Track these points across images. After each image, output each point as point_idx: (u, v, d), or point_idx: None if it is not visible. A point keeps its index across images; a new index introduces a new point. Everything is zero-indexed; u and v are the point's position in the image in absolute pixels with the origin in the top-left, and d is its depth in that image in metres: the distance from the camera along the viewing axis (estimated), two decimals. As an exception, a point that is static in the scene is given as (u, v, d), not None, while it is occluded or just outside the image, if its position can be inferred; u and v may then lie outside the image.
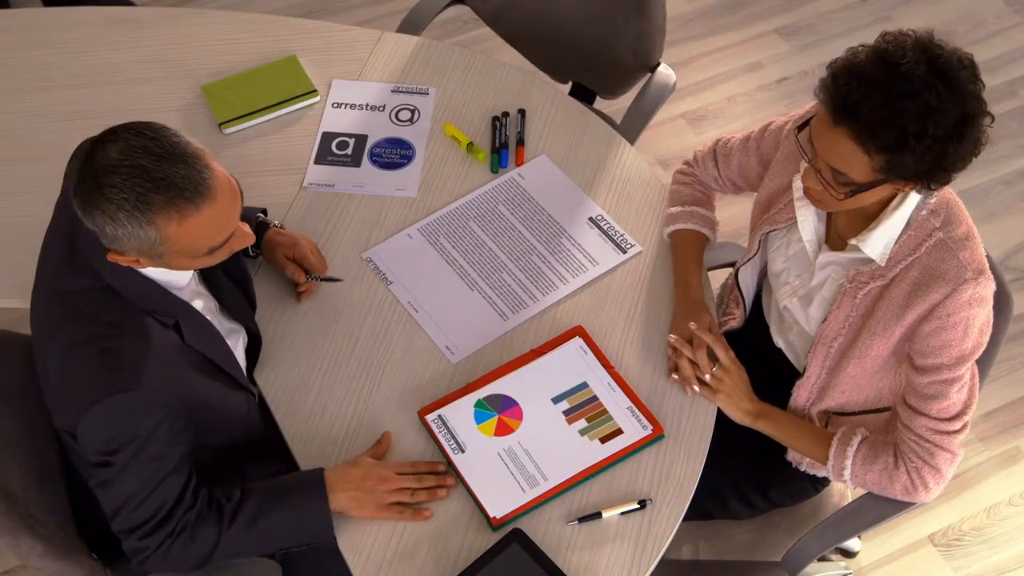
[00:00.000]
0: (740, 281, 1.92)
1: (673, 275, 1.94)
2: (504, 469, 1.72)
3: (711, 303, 1.93)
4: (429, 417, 1.77)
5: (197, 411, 1.59)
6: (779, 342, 1.90)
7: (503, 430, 1.76)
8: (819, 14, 3.52)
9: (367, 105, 2.20)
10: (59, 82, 2.22)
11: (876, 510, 1.77)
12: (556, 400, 1.79)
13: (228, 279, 1.75)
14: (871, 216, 1.65)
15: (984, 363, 1.71)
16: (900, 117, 1.45)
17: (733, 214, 2.94)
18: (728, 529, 1.99)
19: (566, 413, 1.78)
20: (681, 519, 1.70)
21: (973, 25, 3.49)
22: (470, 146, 2.12)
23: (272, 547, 1.66)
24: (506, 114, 2.17)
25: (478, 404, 1.78)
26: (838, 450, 1.73)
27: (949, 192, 1.65)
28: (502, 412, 1.78)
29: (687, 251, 1.95)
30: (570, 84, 2.59)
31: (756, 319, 1.96)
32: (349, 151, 2.13)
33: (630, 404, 1.78)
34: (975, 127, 1.48)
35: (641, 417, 1.77)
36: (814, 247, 1.74)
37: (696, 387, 1.78)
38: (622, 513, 1.70)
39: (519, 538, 1.65)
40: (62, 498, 1.79)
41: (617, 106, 2.67)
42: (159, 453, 1.53)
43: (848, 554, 2.43)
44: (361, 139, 2.15)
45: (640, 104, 2.37)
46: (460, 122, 2.18)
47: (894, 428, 1.82)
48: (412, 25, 2.49)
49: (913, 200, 1.62)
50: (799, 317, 1.80)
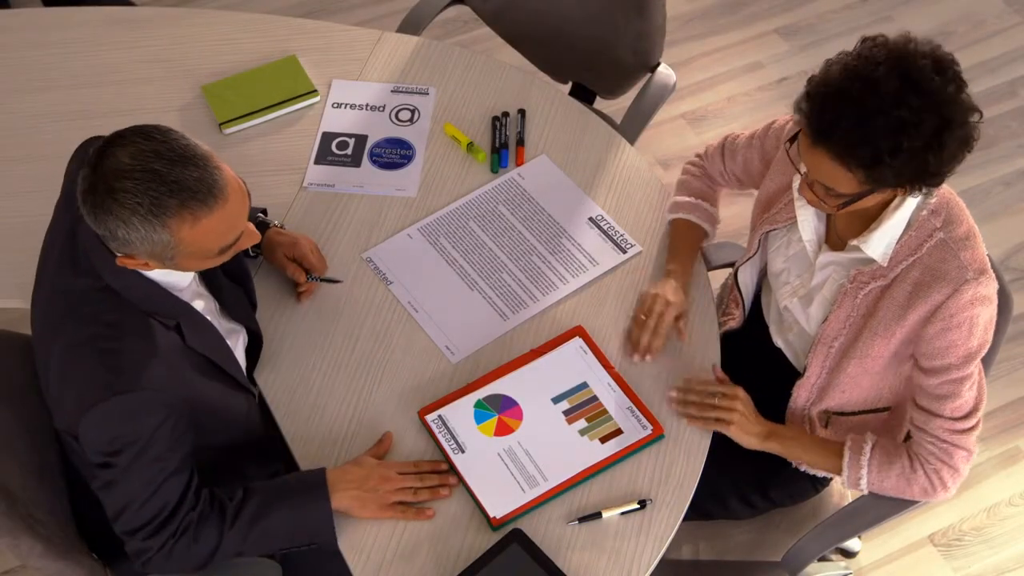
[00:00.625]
0: (739, 281, 1.92)
1: (666, 261, 1.94)
2: (504, 469, 1.72)
3: (711, 303, 1.93)
4: (429, 417, 1.77)
5: (198, 412, 1.59)
6: (779, 342, 1.90)
7: (503, 430, 1.76)
8: (819, 14, 3.52)
9: (367, 105, 2.20)
10: (59, 82, 2.22)
11: (876, 510, 1.77)
12: (556, 400, 1.79)
13: (228, 279, 1.75)
14: (871, 217, 1.65)
15: (984, 363, 1.70)
16: (873, 135, 1.46)
17: (733, 214, 2.94)
18: (728, 529, 1.99)
19: (566, 413, 1.78)
20: (681, 519, 1.70)
21: (973, 25, 3.49)
22: (470, 146, 2.12)
23: (274, 547, 1.66)
24: (506, 114, 2.17)
25: (478, 404, 1.78)
26: (852, 460, 1.72)
27: (949, 192, 1.65)
28: (502, 412, 1.78)
29: (684, 241, 1.96)
30: (570, 84, 2.59)
31: (755, 319, 1.96)
32: (349, 151, 2.13)
33: (630, 404, 1.78)
34: (956, 133, 1.47)
35: (641, 417, 1.77)
36: (814, 247, 1.74)
37: (713, 426, 1.76)
38: (622, 513, 1.70)
39: (519, 538, 1.65)
40: (62, 498, 1.79)
41: (617, 106, 2.67)
42: (161, 454, 1.53)
43: (848, 554, 2.43)
44: (361, 139, 2.15)
45: (640, 104, 2.37)
46: (460, 122, 2.18)
47: (899, 429, 1.82)
48: (412, 25, 2.49)
49: (913, 200, 1.62)
50: (799, 317, 1.80)
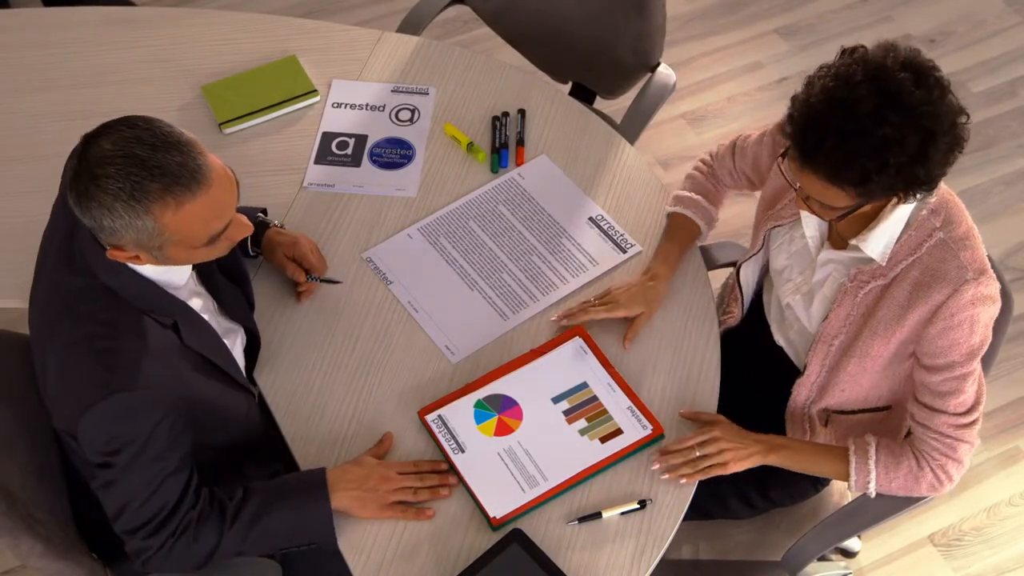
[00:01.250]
0: (741, 278, 1.92)
1: (653, 257, 1.94)
2: (504, 469, 1.72)
3: (711, 303, 1.93)
4: (429, 417, 1.77)
5: (197, 411, 1.59)
6: (780, 340, 1.90)
7: (503, 430, 1.76)
8: (819, 14, 3.52)
9: (367, 105, 2.20)
10: (59, 82, 2.22)
11: (876, 510, 1.77)
12: (556, 400, 1.79)
13: (226, 278, 1.74)
14: (870, 217, 1.65)
15: (984, 363, 1.71)
16: (857, 156, 1.46)
17: (733, 214, 2.94)
18: (728, 529, 1.99)
19: (566, 413, 1.78)
20: (681, 519, 1.70)
21: (973, 25, 3.49)
22: (470, 146, 2.12)
23: (274, 547, 1.66)
24: (506, 114, 2.17)
25: (478, 404, 1.78)
26: (859, 464, 1.71)
27: (948, 192, 1.65)
28: (502, 412, 1.78)
29: (677, 235, 1.96)
30: (570, 84, 2.59)
31: (756, 317, 1.96)
32: (349, 151, 2.13)
33: (630, 404, 1.78)
34: (942, 141, 1.47)
35: (641, 417, 1.77)
36: (816, 243, 1.74)
37: (712, 472, 1.72)
38: (622, 513, 1.70)
39: (519, 538, 1.65)
40: (62, 498, 1.79)
41: (617, 106, 2.67)
42: (160, 453, 1.53)
43: (848, 554, 2.43)
44: (361, 139, 2.15)
45: (640, 104, 2.37)
46: (460, 122, 2.18)
47: (899, 428, 1.82)
48: (412, 25, 2.49)
49: (915, 200, 1.62)
50: (800, 315, 1.80)
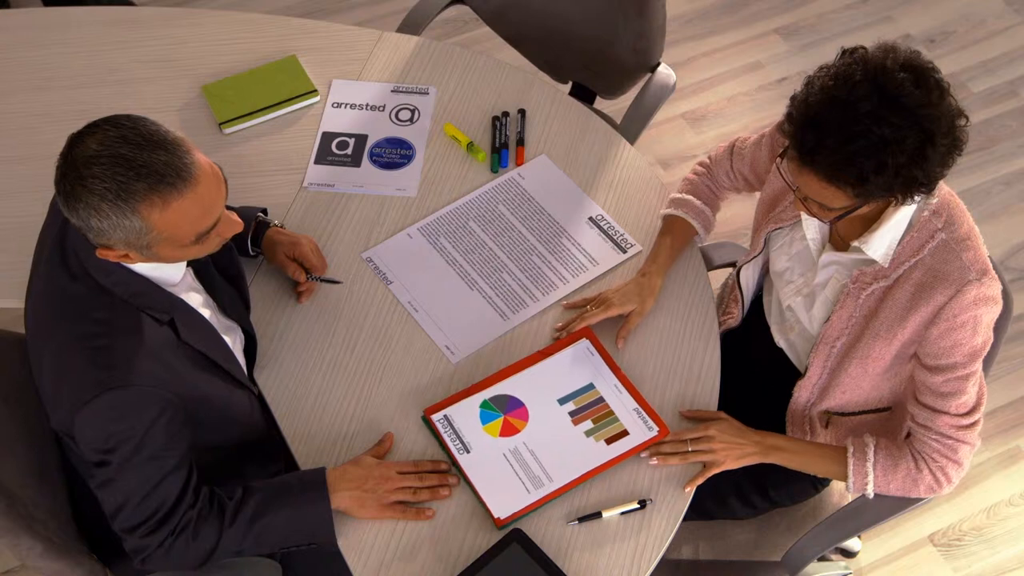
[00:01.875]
0: (741, 280, 1.92)
1: (647, 260, 1.94)
2: (509, 470, 1.72)
3: (711, 303, 1.93)
4: (435, 417, 1.77)
5: (197, 408, 1.59)
6: (780, 342, 1.89)
7: (509, 431, 1.75)
8: (819, 14, 3.52)
9: (367, 105, 2.20)
10: (59, 82, 2.22)
11: (876, 510, 1.77)
12: (562, 401, 1.79)
13: (222, 278, 1.74)
14: (871, 219, 1.65)
15: (984, 363, 1.71)
16: (856, 157, 1.46)
17: (733, 214, 2.94)
18: (728, 529, 1.99)
19: (572, 414, 1.78)
20: (681, 519, 1.70)
21: (973, 25, 3.49)
22: (470, 146, 2.12)
23: (273, 546, 1.66)
24: (506, 114, 2.17)
25: (484, 404, 1.78)
26: (857, 466, 1.72)
27: (949, 192, 1.65)
28: (508, 413, 1.77)
29: (669, 234, 1.95)
30: (570, 84, 2.59)
31: (756, 319, 1.96)
32: (349, 151, 2.13)
33: (636, 406, 1.78)
34: (941, 143, 1.47)
35: (647, 419, 1.77)
36: (818, 245, 1.74)
37: (706, 470, 1.73)
38: (622, 513, 1.70)
39: (519, 538, 1.65)
40: (62, 498, 1.79)
41: (617, 106, 2.67)
42: (157, 452, 1.53)
43: (848, 554, 2.42)
44: (361, 139, 2.15)
45: (640, 104, 2.37)
46: (460, 122, 2.18)
47: (899, 430, 1.82)
48: (412, 25, 2.49)
49: (914, 203, 1.62)
50: (802, 317, 1.80)
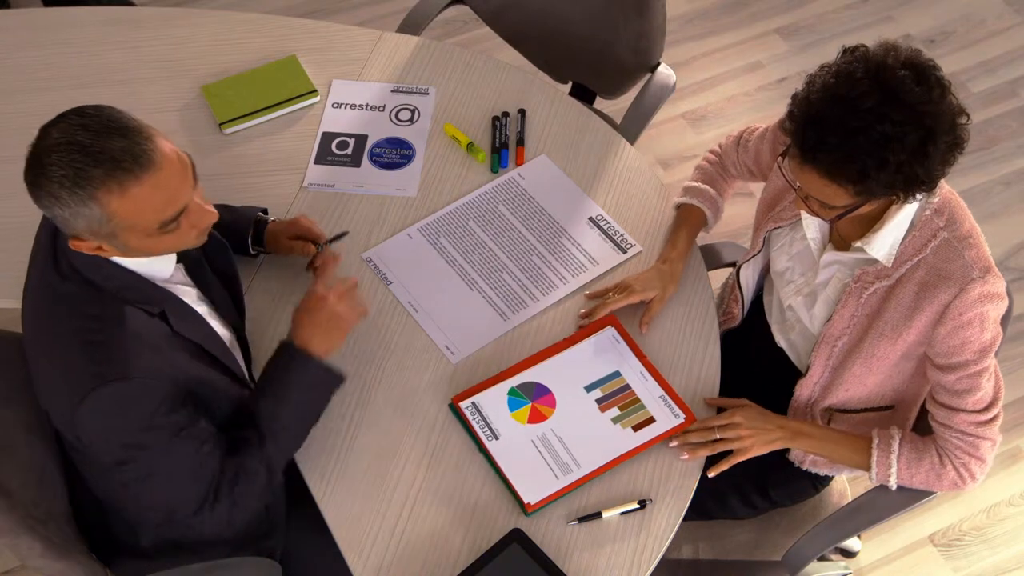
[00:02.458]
0: (741, 279, 1.92)
1: (665, 248, 1.96)
2: (538, 456, 1.73)
3: (711, 303, 1.94)
4: (463, 404, 1.78)
5: (201, 394, 1.58)
6: (781, 341, 1.90)
7: (536, 417, 1.77)
8: (819, 14, 3.52)
9: (367, 105, 2.20)
10: (59, 82, 2.22)
11: (876, 510, 1.77)
12: (589, 388, 1.80)
13: (218, 279, 1.74)
14: (874, 218, 1.65)
15: (988, 361, 1.71)
16: (857, 153, 1.46)
17: (733, 214, 2.94)
18: (728, 529, 1.99)
19: (599, 401, 1.79)
20: (681, 519, 1.70)
21: (973, 25, 3.49)
22: (470, 146, 2.12)
23: (309, 423, 1.69)
24: (506, 114, 2.17)
25: (511, 392, 1.79)
26: (880, 457, 1.72)
27: (950, 191, 1.65)
28: (535, 400, 1.79)
29: (686, 223, 1.98)
30: (570, 84, 2.59)
31: (756, 318, 1.96)
32: (349, 151, 2.13)
33: (663, 393, 1.80)
34: (942, 140, 1.47)
35: (674, 406, 1.78)
36: (818, 245, 1.74)
37: (733, 457, 1.74)
38: (622, 513, 1.70)
39: (519, 538, 1.65)
40: (62, 498, 1.79)
41: (617, 106, 2.67)
42: (178, 430, 1.53)
43: (848, 554, 2.43)
44: (361, 139, 2.15)
45: (640, 104, 2.37)
46: (460, 122, 2.18)
47: (902, 428, 1.82)
48: (412, 25, 2.49)
49: (915, 201, 1.62)
50: (803, 316, 1.80)
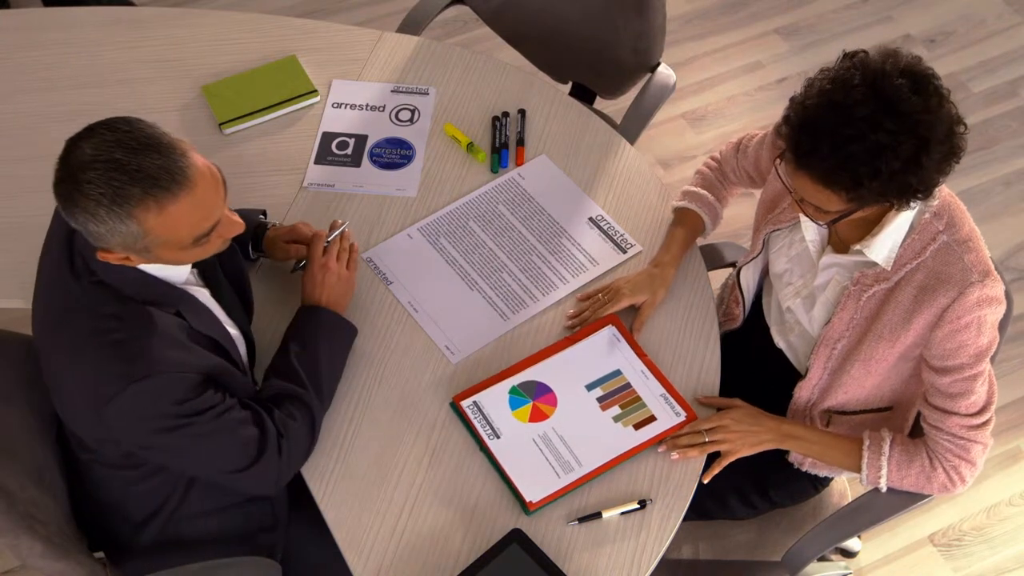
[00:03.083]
0: (741, 281, 1.92)
1: (659, 251, 1.96)
2: (539, 455, 1.73)
3: (711, 303, 1.94)
4: (464, 403, 1.78)
5: (220, 381, 1.60)
6: (780, 343, 1.90)
7: (537, 416, 1.77)
8: (819, 14, 3.52)
9: (367, 105, 2.20)
10: (59, 82, 2.22)
11: (876, 510, 1.77)
12: (590, 387, 1.80)
13: (227, 280, 1.74)
14: (872, 221, 1.65)
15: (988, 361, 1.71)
16: (851, 161, 1.46)
17: (733, 214, 2.94)
18: (728, 529, 1.99)
19: (600, 400, 1.79)
20: (681, 519, 1.70)
21: (973, 25, 3.49)
22: (470, 146, 2.12)
23: (337, 371, 1.78)
24: (506, 114, 2.17)
25: (513, 391, 1.79)
26: (871, 459, 1.73)
27: (950, 194, 1.65)
28: (537, 399, 1.79)
29: (681, 227, 1.97)
30: (570, 84, 2.59)
31: (756, 320, 1.96)
32: (349, 151, 2.13)
33: (663, 391, 1.80)
34: (936, 150, 1.47)
35: (675, 404, 1.78)
36: (817, 247, 1.74)
37: (722, 463, 1.74)
38: (622, 513, 1.70)
39: (519, 538, 1.65)
40: (62, 498, 1.79)
41: (617, 106, 2.67)
42: (212, 409, 1.55)
43: (848, 554, 2.43)
44: (361, 139, 2.15)
45: (640, 104, 2.37)
46: (460, 122, 2.18)
47: (901, 429, 1.82)
48: (412, 25, 2.49)
49: (909, 207, 1.62)
50: (802, 318, 1.80)
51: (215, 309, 1.66)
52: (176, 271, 1.58)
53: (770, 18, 3.51)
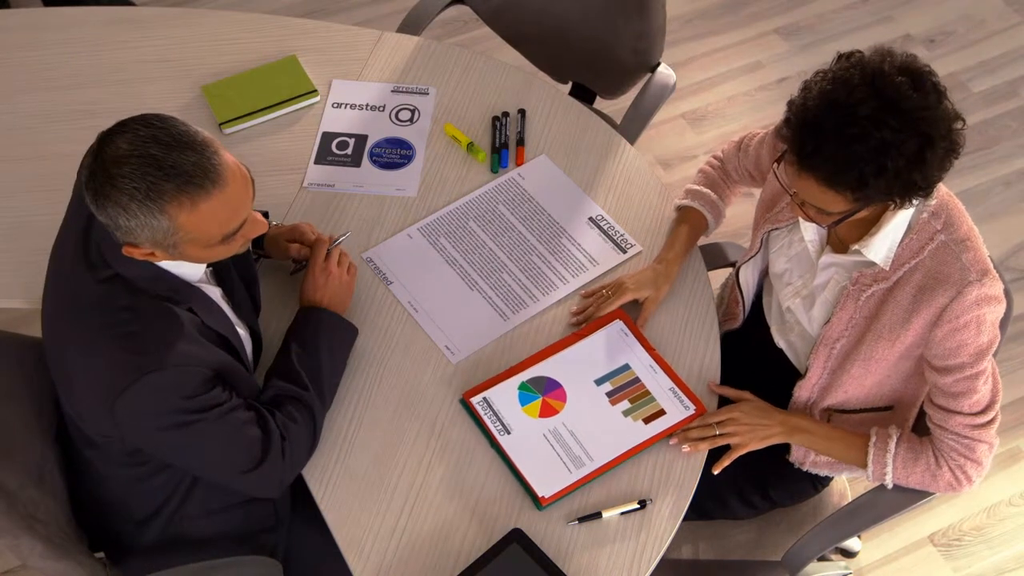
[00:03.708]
0: (740, 280, 1.92)
1: (663, 249, 1.96)
2: (550, 450, 1.74)
3: (711, 303, 1.94)
4: (474, 400, 1.78)
5: (228, 378, 1.60)
6: (780, 343, 1.90)
7: (547, 412, 1.78)
8: (819, 14, 3.52)
9: (367, 105, 2.20)
10: (59, 82, 2.22)
11: (876, 510, 1.78)
12: (599, 382, 1.81)
13: (238, 278, 1.75)
14: (871, 221, 1.65)
15: (986, 362, 1.71)
16: (855, 160, 1.46)
17: (734, 214, 2.93)
18: (728, 529, 1.99)
19: (609, 395, 1.80)
20: (681, 519, 1.70)
21: (973, 25, 3.49)
22: (470, 146, 2.12)
23: (339, 371, 1.79)
24: (506, 114, 2.18)
25: (522, 386, 1.80)
26: (877, 456, 1.73)
27: (948, 193, 1.65)
28: (546, 394, 1.79)
29: (685, 224, 1.97)
30: (570, 84, 2.60)
31: (756, 319, 1.96)
32: (349, 151, 2.13)
33: (672, 385, 1.80)
34: (939, 146, 1.48)
35: (684, 398, 1.79)
36: (816, 247, 1.75)
37: (731, 456, 1.74)
38: (622, 513, 1.70)
39: (519, 538, 1.65)
40: (62, 498, 1.79)
41: (617, 106, 2.67)
42: (219, 407, 1.55)
43: (848, 554, 2.43)
44: (361, 139, 2.15)
45: (640, 104, 2.37)
46: (460, 122, 2.18)
47: (901, 428, 1.82)
48: (412, 25, 2.49)
49: (908, 206, 1.62)
50: (801, 318, 1.80)
51: (226, 308, 1.67)
52: (192, 269, 1.59)
53: (770, 18, 3.51)
